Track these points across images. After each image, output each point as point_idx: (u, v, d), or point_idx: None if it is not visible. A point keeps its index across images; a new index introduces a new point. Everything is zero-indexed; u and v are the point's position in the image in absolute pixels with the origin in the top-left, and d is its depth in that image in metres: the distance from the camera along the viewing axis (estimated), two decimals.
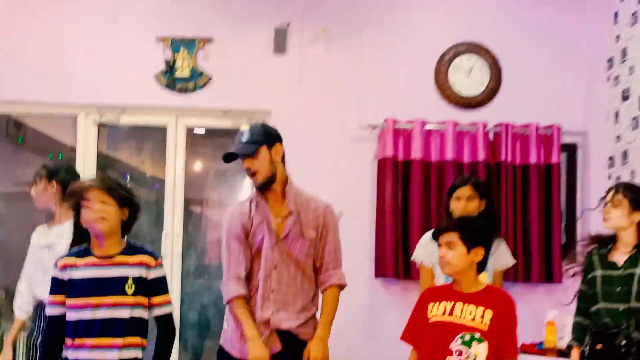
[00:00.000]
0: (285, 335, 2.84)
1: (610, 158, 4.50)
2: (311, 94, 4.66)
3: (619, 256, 3.15)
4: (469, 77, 4.65)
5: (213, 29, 4.60)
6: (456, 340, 2.56)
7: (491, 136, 4.60)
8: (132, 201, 2.58)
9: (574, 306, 3.33)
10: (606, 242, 3.25)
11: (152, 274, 2.57)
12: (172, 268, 4.51)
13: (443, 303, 2.64)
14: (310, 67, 4.64)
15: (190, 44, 4.55)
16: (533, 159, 4.56)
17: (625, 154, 4.28)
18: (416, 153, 4.52)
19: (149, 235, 4.82)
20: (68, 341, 2.48)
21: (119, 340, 2.44)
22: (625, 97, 4.28)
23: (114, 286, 2.48)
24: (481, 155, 4.52)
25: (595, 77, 4.64)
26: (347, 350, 4.19)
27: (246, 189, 5.13)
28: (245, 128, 2.96)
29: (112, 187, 2.53)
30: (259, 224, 2.88)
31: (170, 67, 4.55)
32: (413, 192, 4.51)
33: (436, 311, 2.64)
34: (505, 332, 2.60)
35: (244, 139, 2.80)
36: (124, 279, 2.50)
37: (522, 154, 4.59)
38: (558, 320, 4.34)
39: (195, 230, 5.05)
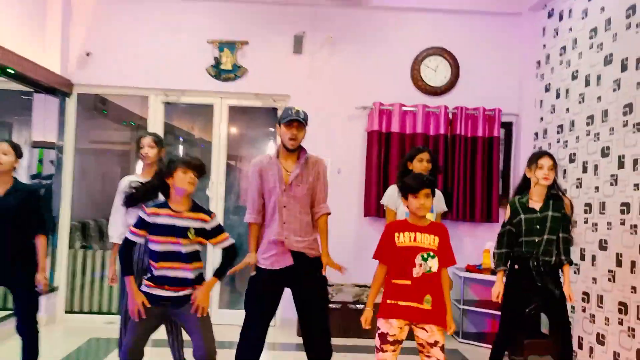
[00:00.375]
0: (295, 254, 3.53)
1: (535, 133, 5.76)
2: (319, 83, 5.90)
3: (534, 204, 3.79)
4: (435, 72, 5.93)
5: (249, 34, 5.86)
6: (418, 257, 3.19)
7: (450, 116, 5.81)
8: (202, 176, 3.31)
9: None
10: (520, 192, 3.90)
11: (209, 226, 3.27)
12: (217, 206, 5.87)
13: (407, 233, 3.25)
14: (319, 64, 5.92)
15: (232, 46, 5.84)
16: (480, 132, 5.78)
17: (545, 131, 5.56)
18: (395, 127, 5.76)
19: (199, 183, 6.23)
20: (153, 264, 3.18)
21: (186, 264, 3.18)
22: (547, 90, 5.56)
23: (181, 232, 3.17)
24: (442, 129, 5.76)
25: (527, 74, 5.86)
26: (345, 262, 5.58)
27: (269, 149, 6.47)
28: (299, 108, 3.58)
29: (204, 170, 3.31)
30: (272, 173, 3.57)
31: (218, 63, 5.84)
32: (392, 155, 5.74)
33: (403, 239, 3.25)
34: (446, 249, 3.28)
35: (300, 116, 3.53)
36: (187, 228, 3.19)
37: (472, 129, 5.81)
38: (491, 248, 5.03)
39: (232, 179, 6.34)
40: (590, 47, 4.74)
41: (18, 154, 3.69)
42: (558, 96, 5.32)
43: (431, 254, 3.21)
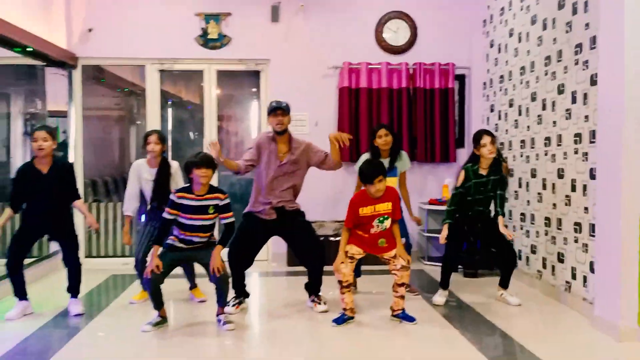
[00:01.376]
0: (278, 210, 4.60)
1: (484, 83, 6.66)
2: (295, 47, 6.70)
3: (483, 170, 4.64)
4: (396, 34, 6.76)
5: (231, 6, 6.62)
6: (376, 220, 4.18)
7: (411, 71, 6.65)
8: (216, 168, 4.24)
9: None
10: (472, 161, 4.70)
11: (222, 202, 4.23)
12: None
13: (369, 206, 4.19)
14: (294, 30, 6.71)
15: (216, 17, 6.60)
16: (437, 84, 6.63)
17: (491, 81, 6.45)
18: (363, 83, 6.59)
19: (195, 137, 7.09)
20: (180, 232, 4.20)
21: (205, 235, 4.24)
22: (491, 45, 6.43)
23: (202, 210, 4.18)
24: (404, 83, 6.61)
25: (475, 32, 6.71)
26: (320, 209, 6.51)
27: (252, 107, 7.31)
28: (282, 101, 4.60)
29: (213, 164, 4.17)
30: (268, 151, 4.57)
31: (205, 33, 6.60)
32: (361, 107, 6.58)
33: (365, 211, 4.19)
34: (395, 209, 4.24)
35: (282, 105, 4.53)
36: (207, 207, 4.18)
37: (430, 82, 6.66)
38: (450, 184, 6.38)
39: (223, 136, 7.20)
40: (521, 9, 5.64)
41: (54, 137, 4.52)
42: (499, 50, 6.22)
43: (385, 216, 4.23)
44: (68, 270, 4.67)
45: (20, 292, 4.57)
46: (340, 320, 4.30)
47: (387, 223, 4.23)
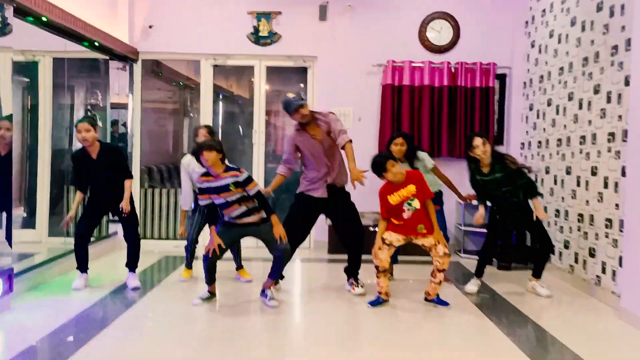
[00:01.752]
0: (329, 187, 4.88)
1: (524, 82, 6.81)
2: (342, 45, 7.00)
3: (485, 169, 4.86)
4: (439, 33, 6.99)
5: (281, 5, 6.98)
6: (405, 205, 4.41)
7: (452, 70, 6.86)
8: (223, 149, 4.49)
9: None
10: (474, 160, 4.90)
11: (241, 178, 4.44)
12: (258, 150, 7.11)
13: (395, 194, 4.44)
14: (341, 29, 7.02)
15: (267, 16, 6.97)
16: (478, 83, 6.82)
17: (531, 80, 6.61)
18: (406, 81, 6.83)
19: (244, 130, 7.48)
20: (221, 213, 4.56)
21: (239, 205, 4.45)
22: (532, 46, 6.59)
23: (224, 189, 4.44)
24: (445, 81, 6.82)
25: (517, 33, 6.86)
26: (361, 200, 6.48)
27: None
28: (291, 98, 4.75)
29: (217, 147, 4.42)
30: (305, 140, 4.81)
31: (256, 30, 6.98)
32: (403, 104, 6.82)
33: (392, 199, 4.44)
34: (422, 189, 4.46)
35: (300, 101, 4.71)
36: (227, 185, 4.42)
37: (471, 81, 6.85)
38: None
39: (270, 130, 7.59)
40: (561, 11, 5.79)
41: (96, 127, 4.89)
42: (540, 51, 6.37)
43: (412, 198, 4.44)
44: (128, 246, 5.11)
45: (83, 265, 5.02)
46: (376, 302, 4.59)
47: (416, 203, 4.41)
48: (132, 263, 5.12)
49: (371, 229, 6.63)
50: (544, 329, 4.11)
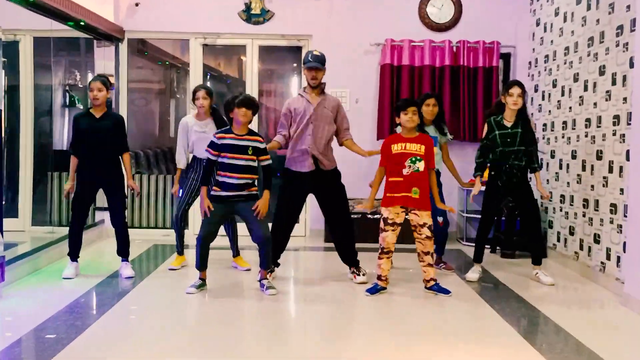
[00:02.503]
0: (315, 160, 5.04)
1: (529, 62, 7.05)
2: (338, 23, 7.19)
3: (507, 122, 5.11)
4: (440, 10, 7.18)
5: None
6: (408, 160, 4.66)
7: (454, 49, 7.06)
8: (258, 109, 4.94)
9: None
10: (495, 113, 5.24)
11: (262, 146, 4.76)
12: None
13: (400, 143, 4.73)
14: (337, 6, 7.20)
15: None
16: (481, 63, 7.03)
17: (536, 60, 6.85)
18: (405, 60, 7.03)
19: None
20: (221, 172, 4.70)
21: (239, 174, 4.65)
22: (537, 24, 6.81)
23: (242, 150, 4.68)
24: (447, 61, 7.02)
25: (522, 10, 7.09)
26: (358, 186, 6.54)
27: (292, 82, 7.86)
28: (317, 52, 5.10)
29: (254, 104, 4.76)
30: (299, 104, 5.08)
31: (248, 7, 7.15)
32: (403, 85, 7.03)
33: (396, 148, 4.71)
34: (429, 155, 4.73)
35: (319, 61, 5.02)
36: (247, 147, 4.68)
37: (474, 60, 7.06)
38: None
39: (262, 111, 7.87)
40: None
41: (108, 87, 5.21)
42: (545, 30, 6.61)
43: (418, 157, 4.71)
44: (116, 232, 5.35)
45: (75, 253, 5.26)
46: (373, 290, 4.84)
47: (420, 165, 4.68)
48: (123, 251, 5.36)
49: (369, 216, 6.90)
50: (547, 316, 4.37)
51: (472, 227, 7.26)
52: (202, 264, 4.85)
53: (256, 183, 4.89)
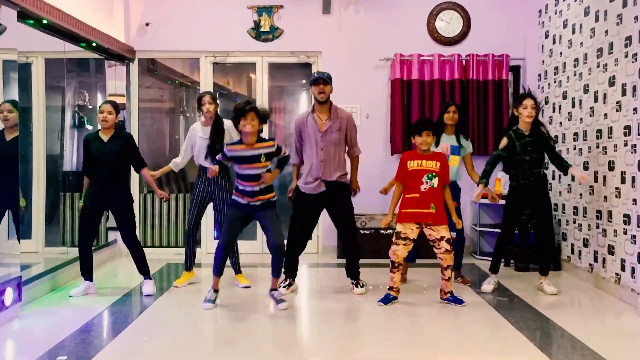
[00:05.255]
0: (328, 183, 5.30)
1: (539, 75, 7.15)
2: (346, 39, 7.34)
3: (524, 130, 5.30)
4: (449, 25, 7.32)
5: None
6: (424, 177, 4.91)
7: (463, 63, 7.19)
8: (266, 119, 4.99)
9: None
10: (511, 125, 5.49)
11: (274, 148, 4.82)
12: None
13: (416, 160, 4.96)
14: (346, 22, 7.37)
15: (269, 10, 7.31)
16: (490, 76, 7.16)
17: (546, 72, 6.96)
18: (415, 75, 7.17)
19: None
20: (239, 181, 4.85)
21: (258, 182, 4.78)
22: (546, 36, 6.93)
23: (255, 159, 4.78)
24: (457, 75, 7.15)
25: (530, 23, 7.21)
26: (371, 202, 6.91)
27: (302, 99, 8.01)
28: (323, 71, 5.46)
29: (264, 117, 4.88)
30: (310, 126, 5.30)
31: (257, 25, 7.32)
32: (413, 99, 7.16)
33: (412, 165, 4.95)
34: (444, 171, 4.97)
35: (324, 75, 5.28)
36: (259, 155, 4.78)
37: (483, 74, 7.19)
38: (502, 177, 6.85)
39: (272, 128, 8.01)
40: (574, 0, 6.14)
41: (118, 111, 5.41)
42: (554, 42, 6.72)
43: (433, 174, 4.93)
44: (130, 253, 5.49)
45: (87, 272, 5.40)
46: (386, 300, 5.00)
47: (435, 182, 4.90)
48: (142, 268, 5.51)
49: (382, 231, 6.98)
50: (562, 328, 4.44)
51: (484, 241, 7.35)
52: (219, 269, 4.98)
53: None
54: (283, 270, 5.18)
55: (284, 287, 5.41)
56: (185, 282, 5.79)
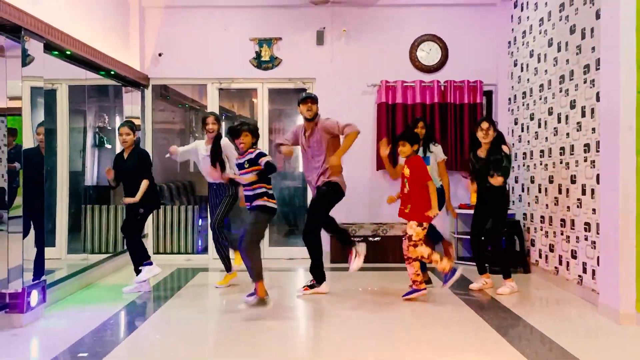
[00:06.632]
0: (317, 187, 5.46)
1: (509, 98, 7.23)
2: (338, 67, 7.41)
3: (482, 153, 5.37)
4: (429, 54, 7.40)
5: (281, 32, 7.40)
6: (405, 182, 5.15)
7: (442, 88, 7.25)
8: (258, 135, 4.99)
9: None
10: (473, 147, 5.51)
11: (253, 155, 4.76)
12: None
13: (404, 167, 5.22)
14: (337, 53, 7.43)
15: (269, 42, 7.39)
16: (466, 100, 7.21)
17: (515, 97, 7.03)
18: (399, 99, 7.23)
19: None
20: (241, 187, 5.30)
21: (248, 187, 4.82)
22: (515, 64, 7.01)
23: (242, 167, 4.88)
24: (436, 99, 7.21)
25: (501, 53, 7.30)
26: (360, 212, 7.12)
27: (298, 120, 7.99)
28: (310, 91, 5.70)
29: (253, 130, 4.94)
30: (301, 137, 5.46)
31: (258, 55, 7.39)
32: (397, 120, 7.21)
33: (400, 167, 5.33)
34: (415, 174, 5.07)
35: (312, 96, 5.41)
36: (244, 162, 4.82)
37: (460, 98, 7.24)
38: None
39: (272, 147, 8.02)
40: (539, 33, 6.22)
41: (134, 131, 5.51)
42: (522, 69, 6.79)
43: (406, 179, 5.11)
44: (127, 246, 5.70)
45: (143, 257, 5.61)
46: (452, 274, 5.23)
47: (407, 187, 5.10)
48: (134, 262, 5.61)
49: (370, 239, 6.99)
50: (532, 326, 4.45)
51: (462, 247, 7.35)
52: (258, 272, 4.82)
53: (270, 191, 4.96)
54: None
55: (303, 286, 5.52)
56: (226, 283, 5.81)
